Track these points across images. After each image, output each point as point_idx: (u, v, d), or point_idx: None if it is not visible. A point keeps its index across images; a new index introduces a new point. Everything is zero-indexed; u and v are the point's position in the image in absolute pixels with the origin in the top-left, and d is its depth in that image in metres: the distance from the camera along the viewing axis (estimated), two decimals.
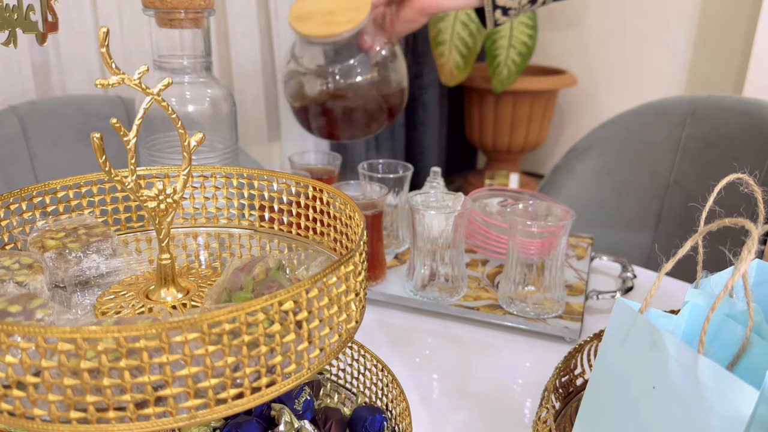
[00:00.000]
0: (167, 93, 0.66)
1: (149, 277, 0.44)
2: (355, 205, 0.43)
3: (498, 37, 1.99)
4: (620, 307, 0.35)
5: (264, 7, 1.71)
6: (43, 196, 0.46)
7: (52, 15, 0.37)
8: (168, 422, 0.29)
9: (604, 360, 0.36)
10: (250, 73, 1.69)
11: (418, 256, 0.71)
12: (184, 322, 0.28)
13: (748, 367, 0.34)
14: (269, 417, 0.44)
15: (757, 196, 0.36)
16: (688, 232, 0.68)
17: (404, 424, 0.46)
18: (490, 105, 2.15)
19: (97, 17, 1.35)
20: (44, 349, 0.27)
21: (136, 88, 0.36)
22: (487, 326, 0.70)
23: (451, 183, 2.38)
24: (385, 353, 0.64)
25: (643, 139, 1.09)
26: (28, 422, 0.28)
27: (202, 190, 0.51)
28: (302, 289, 0.31)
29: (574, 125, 2.42)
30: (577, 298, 0.71)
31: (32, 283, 0.39)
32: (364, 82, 0.77)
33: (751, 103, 1.02)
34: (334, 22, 0.72)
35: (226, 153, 0.72)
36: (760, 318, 0.35)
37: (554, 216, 0.68)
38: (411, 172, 0.83)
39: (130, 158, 0.37)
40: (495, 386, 0.60)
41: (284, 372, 0.32)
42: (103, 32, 0.34)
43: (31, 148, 1.04)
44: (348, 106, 0.79)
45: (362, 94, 0.78)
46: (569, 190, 1.11)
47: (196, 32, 0.67)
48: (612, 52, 2.23)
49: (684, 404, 0.31)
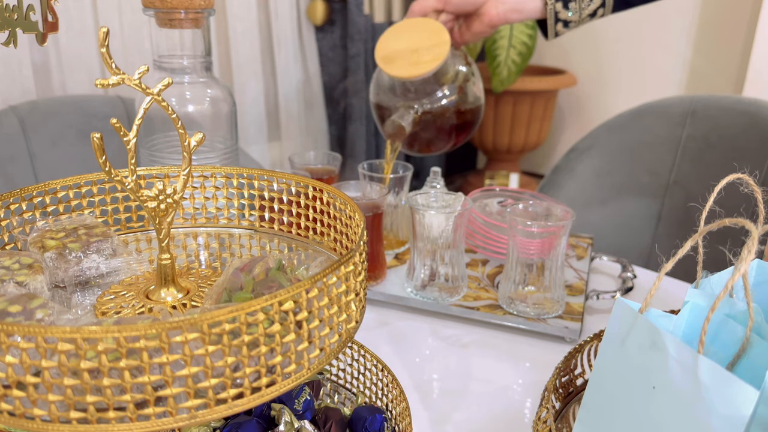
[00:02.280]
0: (167, 93, 0.66)
1: (149, 277, 0.44)
2: (355, 205, 0.43)
3: (498, 37, 1.99)
4: (620, 307, 0.35)
5: (264, 7, 1.71)
6: (43, 196, 0.46)
7: (52, 15, 0.37)
8: (168, 422, 0.29)
9: (604, 360, 0.36)
10: (250, 73, 1.69)
11: (418, 256, 0.71)
12: (184, 322, 0.28)
13: (748, 367, 0.34)
14: (269, 417, 0.44)
15: (757, 196, 0.36)
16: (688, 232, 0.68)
17: (404, 424, 0.46)
18: (490, 105, 2.15)
19: (97, 17, 1.35)
20: (44, 349, 0.27)
21: (136, 88, 0.36)
22: (487, 326, 0.70)
23: (451, 183, 2.38)
24: (385, 353, 0.64)
25: (643, 139, 1.09)
26: (28, 422, 0.28)
27: (202, 190, 0.51)
28: (302, 289, 0.31)
29: (574, 125, 2.42)
30: (577, 298, 0.71)
31: (32, 283, 0.39)
32: (449, 104, 0.82)
33: (751, 103, 1.02)
34: (420, 62, 0.77)
35: (226, 153, 0.72)
36: (760, 318, 0.35)
37: (554, 216, 0.68)
38: (411, 172, 0.83)
39: (130, 158, 0.37)
40: (495, 386, 0.60)
41: (284, 372, 0.32)
42: (103, 32, 0.34)
43: (31, 148, 1.04)
44: (436, 126, 0.85)
45: (449, 115, 0.84)
46: (569, 190, 1.11)
47: (196, 32, 0.67)
48: (612, 52, 2.23)
49: (684, 404, 0.31)
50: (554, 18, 0.79)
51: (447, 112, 0.83)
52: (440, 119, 0.83)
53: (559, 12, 0.79)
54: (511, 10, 0.79)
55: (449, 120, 0.84)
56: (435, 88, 0.81)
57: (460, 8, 0.82)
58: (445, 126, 0.84)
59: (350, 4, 1.79)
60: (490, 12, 0.80)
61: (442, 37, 0.78)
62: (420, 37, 0.78)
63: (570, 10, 0.79)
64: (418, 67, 0.77)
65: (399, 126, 0.79)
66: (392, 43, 0.80)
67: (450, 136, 0.86)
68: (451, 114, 0.83)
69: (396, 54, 0.78)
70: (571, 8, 0.79)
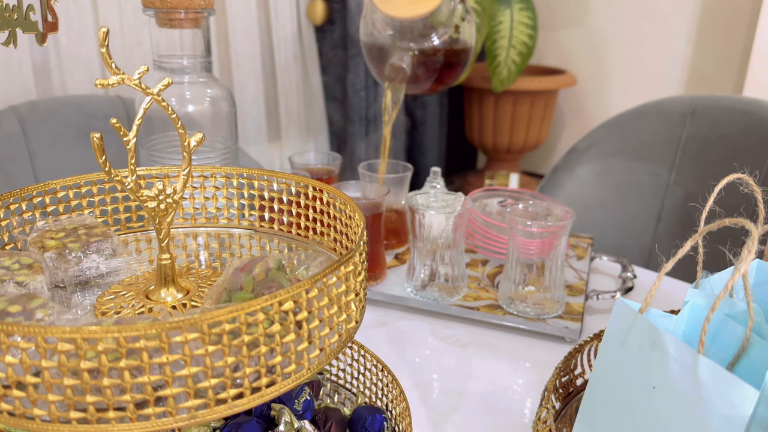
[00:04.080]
0: (167, 93, 0.66)
1: (149, 277, 0.44)
2: (355, 205, 0.43)
3: (498, 37, 1.99)
4: (620, 307, 0.35)
5: (264, 7, 1.71)
6: (43, 196, 0.46)
7: (52, 15, 0.37)
8: (168, 422, 0.29)
9: (604, 360, 0.36)
10: (250, 73, 1.69)
11: (418, 256, 0.71)
12: (184, 322, 0.28)
13: (748, 367, 0.34)
14: (269, 417, 0.44)
15: (757, 196, 0.36)
16: (688, 232, 0.68)
17: (404, 424, 0.46)
18: (490, 105, 2.15)
19: (97, 17, 1.35)
20: (44, 349, 0.27)
21: (136, 88, 0.36)
22: (487, 326, 0.70)
23: (451, 183, 2.38)
24: (385, 353, 0.64)
25: (643, 139, 1.09)
26: (28, 422, 0.28)
27: (202, 190, 0.51)
28: (302, 289, 0.31)
29: (574, 125, 2.42)
30: (577, 298, 0.71)
31: (32, 283, 0.39)
32: (445, 43, 0.81)
33: (751, 103, 1.02)
34: (419, 1, 0.75)
35: (226, 153, 0.72)
36: (760, 318, 0.35)
37: (554, 216, 0.68)
38: (411, 172, 0.83)
39: (130, 158, 0.37)
40: (495, 386, 0.60)
41: (284, 372, 0.32)
42: (103, 32, 0.34)
43: (31, 148, 1.04)
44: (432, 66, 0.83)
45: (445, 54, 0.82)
46: (569, 190, 1.11)
47: (196, 32, 0.67)
48: (612, 52, 2.23)
49: (684, 404, 0.31)
50: None
51: (443, 51, 0.82)
52: (437, 58, 0.82)
53: None
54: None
55: (446, 59, 0.82)
56: (431, 27, 0.80)
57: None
58: (441, 65, 0.83)
59: (350, 4, 1.79)
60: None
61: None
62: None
63: None
64: (418, 7, 0.75)
65: (399, 68, 0.78)
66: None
67: (444, 75, 0.85)
68: (448, 53, 0.82)
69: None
70: None
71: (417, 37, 0.81)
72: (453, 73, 0.86)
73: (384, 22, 0.82)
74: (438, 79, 0.86)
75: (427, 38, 0.80)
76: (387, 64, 0.79)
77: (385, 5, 0.77)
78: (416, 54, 0.80)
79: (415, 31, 0.80)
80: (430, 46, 0.81)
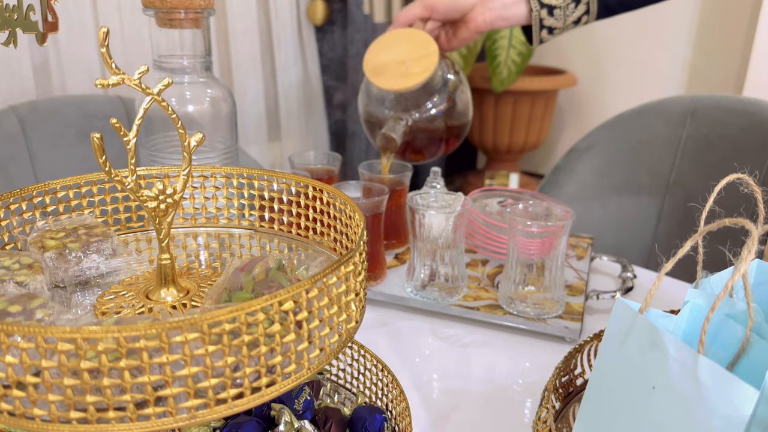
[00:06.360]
0: (167, 93, 0.66)
1: (149, 277, 0.44)
2: (355, 205, 0.43)
3: (498, 37, 1.99)
4: (620, 307, 0.35)
5: (264, 7, 1.71)
6: (43, 196, 0.46)
7: (52, 15, 0.37)
8: (168, 422, 0.29)
9: (604, 360, 0.36)
10: (250, 73, 1.69)
11: (418, 256, 0.71)
12: (184, 322, 0.28)
13: (748, 367, 0.34)
14: (269, 417, 0.44)
15: (757, 196, 0.36)
16: (688, 232, 0.68)
17: (404, 424, 0.46)
18: (490, 105, 2.15)
19: (97, 17, 1.35)
20: (44, 349, 0.27)
21: (136, 88, 0.36)
22: (487, 326, 0.70)
23: (451, 183, 2.38)
24: (385, 353, 0.64)
25: (643, 139, 1.09)
26: (28, 422, 0.28)
27: (202, 190, 0.51)
28: (302, 289, 0.31)
29: (574, 125, 2.42)
30: (577, 298, 0.71)
31: (32, 283, 0.39)
32: (439, 113, 0.83)
33: (751, 103, 1.02)
34: (409, 74, 0.77)
35: (226, 153, 0.72)
36: (760, 318, 0.35)
37: (554, 216, 0.68)
38: (411, 172, 0.83)
39: (130, 158, 0.37)
40: (495, 386, 0.60)
41: (284, 372, 0.32)
42: (103, 32, 0.34)
43: (31, 148, 1.04)
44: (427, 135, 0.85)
45: (439, 124, 0.84)
46: (569, 190, 1.11)
47: (196, 32, 0.67)
48: (612, 52, 2.23)
49: (684, 404, 0.31)
50: (539, 25, 0.80)
51: (437, 120, 0.83)
52: (431, 128, 0.83)
53: (544, 19, 0.79)
54: (497, 17, 0.80)
55: (440, 128, 0.84)
56: (424, 98, 0.81)
57: (447, 15, 0.82)
58: (436, 134, 0.85)
59: (350, 4, 1.79)
60: (477, 19, 0.80)
61: (429, 47, 0.78)
62: (408, 48, 0.79)
63: (554, 17, 0.79)
64: (408, 79, 0.77)
65: (390, 138, 0.79)
66: (380, 55, 0.80)
67: (441, 144, 0.87)
68: (441, 122, 0.84)
69: (384, 66, 0.79)
70: (556, 15, 0.79)
71: (410, 108, 0.82)
72: (453, 140, 0.87)
73: (378, 93, 0.84)
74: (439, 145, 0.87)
75: (420, 109, 0.82)
76: (378, 133, 0.80)
77: (378, 78, 0.79)
78: (408, 124, 0.81)
79: (409, 102, 0.82)
80: (425, 117, 0.82)
